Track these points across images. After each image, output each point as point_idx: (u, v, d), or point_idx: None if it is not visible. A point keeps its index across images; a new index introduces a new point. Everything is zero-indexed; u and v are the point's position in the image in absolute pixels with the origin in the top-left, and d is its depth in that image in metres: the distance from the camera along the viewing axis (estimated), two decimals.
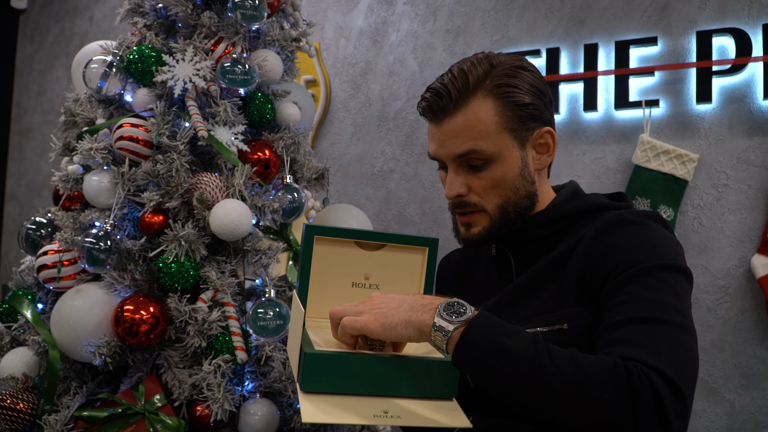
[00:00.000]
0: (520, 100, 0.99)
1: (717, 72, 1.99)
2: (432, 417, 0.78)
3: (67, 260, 1.38)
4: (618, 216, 0.96)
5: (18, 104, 3.83)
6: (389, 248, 0.91)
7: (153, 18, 1.59)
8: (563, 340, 0.90)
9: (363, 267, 0.91)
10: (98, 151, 1.42)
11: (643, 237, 0.92)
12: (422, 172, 2.49)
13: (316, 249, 0.89)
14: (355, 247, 0.91)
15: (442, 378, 0.81)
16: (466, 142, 0.98)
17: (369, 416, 0.76)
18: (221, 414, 1.28)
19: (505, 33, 2.36)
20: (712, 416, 1.96)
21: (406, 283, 0.92)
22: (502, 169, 1.00)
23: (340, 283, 0.91)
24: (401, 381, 0.79)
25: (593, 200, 1.04)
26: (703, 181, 2.02)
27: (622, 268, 0.88)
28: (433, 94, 1.00)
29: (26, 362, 1.36)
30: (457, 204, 1.03)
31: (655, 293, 0.85)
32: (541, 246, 1.03)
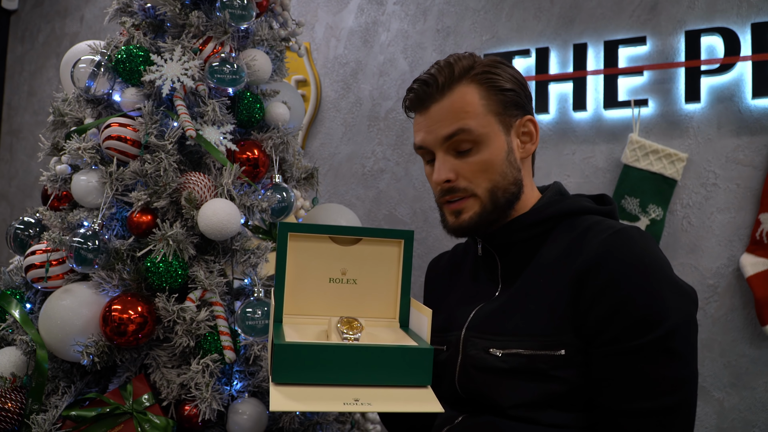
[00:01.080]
0: (503, 86, 1.02)
1: (706, 71, 2.00)
2: (404, 403, 0.78)
3: (55, 260, 1.38)
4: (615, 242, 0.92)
5: (9, 105, 3.81)
6: (365, 242, 0.91)
7: (141, 17, 1.59)
8: (560, 364, 0.91)
9: (339, 262, 0.91)
10: (86, 150, 1.42)
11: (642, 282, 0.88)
12: (413, 172, 2.49)
13: (291, 246, 0.89)
14: (331, 242, 0.91)
15: (416, 365, 0.81)
16: (454, 123, 0.99)
17: (339, 404, 0.76)
18: (209, 413, 1.28)
19: (495, 33, 2.36)
20: (702, 415, 1.96)
21: (384, 277, 0.92)
22: (490, 151, 1.01)
23: (317, 279, 0.91)
24: (374, 370, 0.79)
25: (577, 203, 1.04)
26: (692, 180, 2.03)
27: (626, 327, 0.87)
28: (420, 84, 1.02)
29: (14, 362, 1.35)
30: (446, 191, 1.02)
31: (662, 369, 0.86)
32: (525, 247, 1.04)
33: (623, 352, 0.87)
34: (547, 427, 0.91)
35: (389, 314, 0.94)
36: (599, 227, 0.96)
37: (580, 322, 0.91)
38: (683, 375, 0.86)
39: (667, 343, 0.86)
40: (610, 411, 0.89)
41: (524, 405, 0.92)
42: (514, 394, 0.93)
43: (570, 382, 0.91)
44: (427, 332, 0.87)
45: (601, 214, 1.03)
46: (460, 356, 1.01)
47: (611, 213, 1.05)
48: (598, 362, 0.89)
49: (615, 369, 0.88)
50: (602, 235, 0.94)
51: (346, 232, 0.91)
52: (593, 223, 0.98)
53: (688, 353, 0.87)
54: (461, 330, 1.03)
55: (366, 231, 0.92)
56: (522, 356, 0.92)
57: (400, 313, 0.93)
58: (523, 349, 0.92)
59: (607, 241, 0.92)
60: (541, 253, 1.00)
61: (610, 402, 0.89)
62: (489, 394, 0.95)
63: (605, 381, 0.89)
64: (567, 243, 0.98)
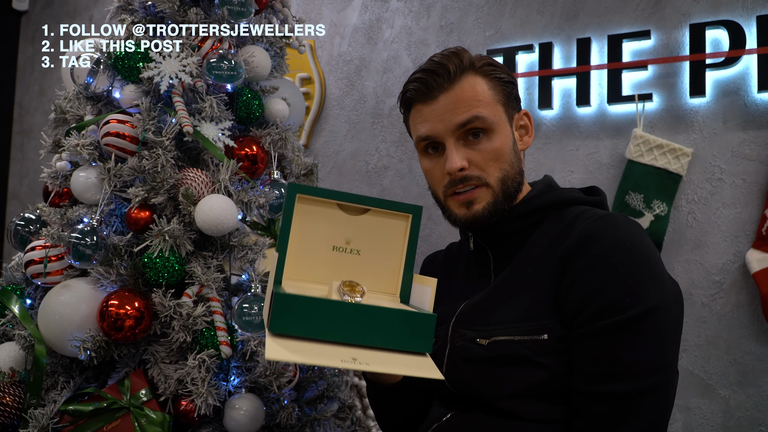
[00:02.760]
0: (505, 78, 1.04)
1: (711, 65, 1.97)
2: (403, 367, 0.76)
3: (54, 256, 1.39)
4: (598, 227, 0.92)
5: (20, 105, 3.86)
6: (373, 213, 0.89)
7: (142, 15, 1.60)
8: (543, 350, 0.90)
9: (345, 231, 0.89)
10: (84, 147, 1.43)
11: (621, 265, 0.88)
12: (416, 169, 2.49)
13: (298, 207, 0.87)
14: (338, 209, 0.89)
15: (417, 331, 0.79)
16: (468, 110, 0.98)
17: (336, 360, 0.74)
18: (205, 409, 1.28)
19: (499, 28, 2.35)
20: (707, 413, 1.94)
21: (388, 250, 0.90)
22: (500, 140, 1.00)
23: (321, 245, 0.89)
24: (375, 331, 0.77)
25: (566, 194, 1.04)
26: (697, 175, 2.01)
27: (600, 308, 0.87)
28: (428, 74, 1.00)
29: (13, 357, 1.36)
30: (458, 180, 1.00)
31: (632, 352, 0.85)
32: (515, 240, 1.03)
33: (595, 332, 0.86)
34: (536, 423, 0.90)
35: (390, 289, 0.91)
36: (585, 215, 0.96)
37: (561, 305, 0.91)
38: (654, 360, 0.85)
39: (639, 326, 0.85)
40: (579, 392, 0.88)
41: (511, 396, 0.91)
42: (499, 384, 0.92)
43: (553, 371, 0.90)
44: (430, 302, 0.85)
45: (590, 205, 1.03)
46: (447, 348, 1.01)
47: (600, 203, 1.05)
48: (574, 345, 0.89)
49: (586, 350, 0.87)
50: (587, 221, 0.94)
51: (356, 200, 0.89)
52: (581, 212, 0.98)
53: (661, 339, 0.85)
54: (449, 323, 1.03)
55: (375, 201, 0.90)
56: (506, 343, 0.92)
57: (401, 288, 0.91)
58: (507, 335, 0.92)
59: (590, 225, 0.92)
60: (530, 244, 1.00)
61: (580, 383, 0.88)
62: (476, 385, 0.95)
63: (578, 363, 0.88)
64: (555, 233, 0.98)
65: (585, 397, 0.87)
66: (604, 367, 0.85)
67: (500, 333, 0.94)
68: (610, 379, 0.85)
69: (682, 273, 2.01)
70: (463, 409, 0.99)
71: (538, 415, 0.90)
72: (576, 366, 0.89)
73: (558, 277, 0.91)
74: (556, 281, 0.92)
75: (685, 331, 1.99)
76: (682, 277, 2.00)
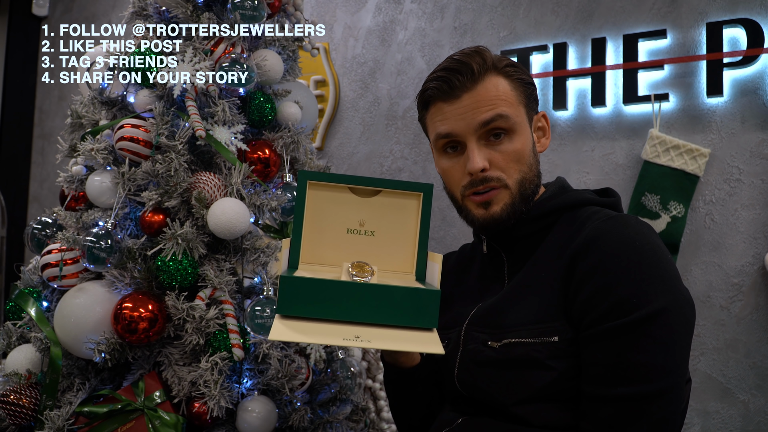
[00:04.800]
0: (526, 79, 1.03)
1: (728, 64, 1.95)
2: (404, 342, 0.78)
3: (70, 259, 1.41)
4: (607, 227, 0.91)
5: (41, 109, 3.91)
6: (384, 194, 0.91)
7: (156, 20, 1.61)
8: (554, 352, 0.90)
9: (358, 213, 0.91)
10: (99, 151, 1.45)
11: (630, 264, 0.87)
12: (430, 171, 2.48)
13: (310, 194, 0.89)
14: (350, 193, 0.90)
15: (422, 307, 0.80)
16: (492, 109, 0.97)
17: (338, 339, 0.76)
18: (218, 411, 1.29)
19: (513, 29, 2.34)
20: (726, 418, 1.91)
21: (402, 230, 0.92)
22: (521, 141, 1.00)
23: (335, 229, 0.91)
24: (379, 309, 0.79)
25: (578, 195, 1.03)
26: (715, 176, 1.98)
27: (607, 309, 0.85)
28: (450, 72, 0.99)
29: (30, 359, 1.38)
30: (479, 180, 0.99)
31: (640, 354, 0.83)
32: (529, 243, 1.03)
33: (602, 334, 0.85)
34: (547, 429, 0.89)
35: (406, 268, 0.93)
36: (596, 216, 0.95)
37: (570, 306, 0.90)
38: (663, 363, 0.83)
39: (647, 328, 0.83)
40: (587, 396, 0.87)
41: (522, 400, 0.91)
42: (512, 389, 0.91)
43: (564, 374, 0.89)
44: (437, 278, 0.86)
45: (603, 206, 1.02)
46: (459, 351, 1.00)
47: (614, 205, 1.04)
48: (583, 346, 0.88)
49: (593, 353, 0.86)
50: (596, 221, 0.93)
51: (366, 183, 0.91)
52: (592, 213, 0.97)
53: (670, 342, 0.84)
54: (462, 325, 1.02)
55: (385, 183, 0.91)
56: (518, 346, 0.92)
57: (417, 266, 0.92)
58: (518, 338, 0.92)
59: (599, 226, 0.91)
60: (542, 246, 1.00)
61: (588, 386, 0.87)
62: (487, 388, 0.94)
63: (588, 365, 0.87)
64: (567, 234, 0.97)
65: (591, 399, 0.86)
66: (611, 370, 0.84)
67: (512, 336, 0.93)
68: (617, 382, 0.84)
69: (700, 275, 1.98)
70: (473, 413, 0.98)
71: (549, 420, 0.89)
72: (584, 368, 0.88)
73: (566, 277, 0.91)
74: (565, 282, 0.91)
75: (704, 334, 1.96)
76: (700, 280, 1.98)
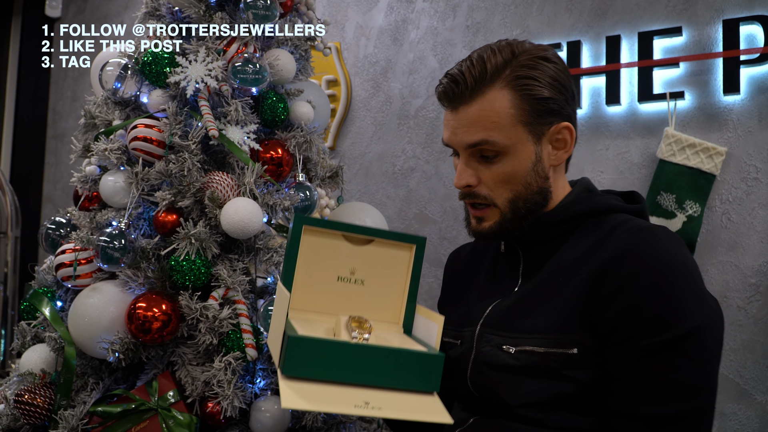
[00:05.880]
0: (539, 93, 0.96)
1: (745, 61, 1.92)
2: (413, 410, 0.78)
3: (84, 259, 1.41)
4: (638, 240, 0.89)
5: (54, 110, 3.94)
6: (377, 244, 0.91)
7: (169, 20, 1.61)
8: (573, 364, 0.88)
9: (350, 261, 0.90)
10: (113, 151, 1.45)
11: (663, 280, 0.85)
12: (443, 170, 2.47)
13: (304, 239, 0.88)
14: (343, 240, 0.90)
15: (425, 371, 0.80)
16: (478, 132, 0.95)
17: (350, 406, 0.76)
18: (231, 411, 1.29)
19: (526, 27, 2.32)
20: (743, 419, 1.89)
21: (392, 280, 0.92)
22: (514, 163, 0.97)
23: (326, 275, 0.91)
24: (385, 371, 0.78)
25: (605, 201, 1.00)
26: (732, 175, 1.96)
27: (641, 326, 0.84)
28: (449, 81, 0.98)
29: (44, 358, 1.39)
30: (467, 194, 1.00)
31: (675, 373, 0.82)
32: (549, 246, 1.01)
33: (636, 351, 0.84)
34: (556, 430, 0.88)
35: (393, 318, 0.93)
36: (625, 226, 0.93)
37: (596, 320, 0.88)
38: (698, 382, 0.82)
39: (682, 346, 0.82)
40: (619, 413, 0.86)
41: (533, 405, 0.90)
42: (525, 393, 0.90)
43: (582, 384, 0.88)
44: (436, 340, 0.86)
45: (629, 213, 0.99)
46: (473, 352, 0.99)
47: (640, 212, 1.01)
48: (611, 362, 0.86)
49: (626, 369, 0.85)
50: (626, 233, 0.90)
51: (360, 231, 0.91)
52: (619, 222, 0.94)
53: (704, 360, 0.83)
54: (476, 326, 1.01)
55: (379, 233, 0.91)
56: (535, 354, 0.90)
57: (404, 318, 0.93)
58: (537, 346, 0.90)
59: (630, 239, 0.89)
60: (563, 251, 0.98)
61: (620, 404, 0.85)
62: (499, 392, 0.93)
63: (617, 381, 0.86)
64: (591, 242, 0.94)
65: (623, 416, 0.85)
66: (646, 388, 0.83)
67: (528, 343, 0.92)
68: (653, 400, 0.82)
69: (717, 275, 1.96)
70: (485, 414, 0.97)
71: (565, 424, 0.88)
72: (613, 384, 0.86)
73: (593, 289, 0.89)
74: (591, 294, 0.89)
75: None
76: (717, 280, 1.95)
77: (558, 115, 0.99)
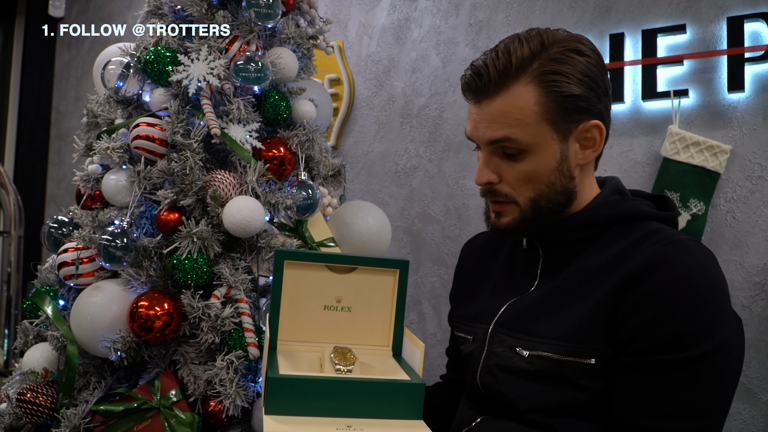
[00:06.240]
0: (567, 91, 0.91)
1: (750, 59, 1.91)
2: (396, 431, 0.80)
3: (86, 257, 1.41)
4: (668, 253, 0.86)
5: (57, 110, 3.95)
6: (360, 271, 0.93)
7: (171, 19, 1.61)
8: (589, 375, 0.87)
9: (335, 290, 0.93)
10: (115, 150, 1.45)
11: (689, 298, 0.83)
12: (446, 169, 2.47)
13: (287, 273, 0.91)
14: (326, 270, 0.93)
15: (408, 400, 0.82)
16: (500, 129, 0.92)
17: (331, 430, 0.78)
18: (233, 410, 1.29)
19: (529, 25, 2.31)
20: (748, 419, 1.88)
21: (378, 306, 0.94)
22: (537, 161, 0.93)
23: (312, 306, 0.93)
24: (366, 403, 0.80)
25: (635, 208, 0.97)
26: (737, 173, 1.95)
27: (659, 341, 0.82)
28: (473, 73, 0.94)
29: (47, 357, 1.39)
30: (488, 191, 0.98)
31: (683, 392, 0.81)
32: (573, 248, 0.98)
33: (649, 365, 0.82)
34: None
35: (382, 343, 0.95)
36: (655, 237, 0.89)
37: (615, 329, 0.86)
38: (707, 405, 0.81)
39: (695, 366, 0.80)
40: (620, 423, 0.84)
41: (543, 410, 0.89)
42: (535, 399, 0.89)
43: (596, 394, 0.86)
44: (419, 366, 0.88)
45: (659, 220, 0.96)
46: (485, 351, 0.98)
47: (671, 220, 0.98)
48: (622, 372, 0.85)
49: (636, 382, 0.83)
50: (656, 245, 0.87)
51: (342, 260, 0.93)
52: (649, 232, 0.91)
53: (716, 383, 0.81)
54: (490, 324, 1.00)
55: (361, 260, 0.93)
56: (549, 360, 0.88)
57: (393, 342, 0.95)
58: (552, 353, 0.88)
59: (660, 251, 0.86)
60: (587, 255, 0.95)
61: (625, 415, 0.84)
62: (509, 395, 0.92)
63: (623, 391, 0.84)
64: (618, 249, 0.91)
65: (624, 427, 0.84)
66: (651, 402, 0.82)
67: (544, 348, 0.89)
68: (655, 415, 0.81)
69: None
70: (493, 414, 0.97)
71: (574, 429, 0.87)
72: (619, 393, 0.85)
73: (617, 299, 0.86)
74: (614, 303, 0.86)
75: None
76: None
77: (587, 113, 0.94)
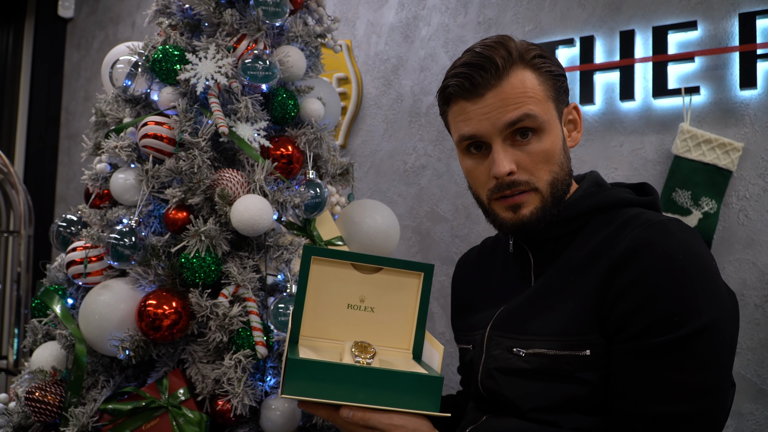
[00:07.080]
0: (556, 71, 0.96)
1: (762, 55, 1.89)
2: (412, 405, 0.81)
3: (94, 256, 1.41)
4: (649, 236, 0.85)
5: (67, 110, 3.96)
6: (385, 272, 0.93)
7: (179, 18, 1.61)
8: (585, 366, 0.86)
9: (359, 289, 0.93)
10: (123, 149, 1.45)
11: (674, 279, 0.82)
12: (454, 168, 2.45)
13: (313, 269, 0.91)
14: (352, 269, 0.93)
15: (425, 392, 0.82)
16: (518, 108, 0.91)
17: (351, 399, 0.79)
18: (242, 409, 1.28)
19: (538, 23, 2.30)
20: (761, 419, 1.85)
21: (401, 308, 0.94)
22: (551, 139, 0.93)
23: (336, 304, 0.93)
24: (383, 393, 0.81)
25: (615, 195, 0.97)
26: (749, 171, 1.92)
27: (647, 325, 0.81)
28: (472, 69, 0.92)
29: (55, 356, 1.39)
30: (506, 185, 0.93)
31: (679, 373, 0.80)
32: (559, 244, 0.98)
33: (642, 350, 0.82)
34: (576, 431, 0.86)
35: (403, 345, 0.95)
36: (636, 221, 0.89)
37: (605, 318, 0.86)
38: (705, 383, 0.80)
39: (690, 346, 0.79)
40: (623, 412, 0.83)
41: (546, 408, 0.88)
42: (536, 398, 0.88)
43: (596, 386, 0.86)
44: (438, 365, 0.88)
45: (640, 206, 0.96)
46: (483, 356, 0.97)
47: (652, 204, 0.98)
48: (617, 359, 0.84)
49: (632, 368, 0.83)
50: (637, 229, 0.87)
51: (369, 260, 0.93)
52: (630, 217, 0.91)
53: (712, 360, 0.80)
54: (485, 329, 0.99)
55: (388, 261, 0.93)
56: (546, 357, 0.88)
57: (414, 345, 0.95)
58: (548, 349, 0.88)
59: (641, 235, 0.86)
60: (572, 249, 0.95)
61: (624, 402, 0.83)
62: (511, 396, 0.91)
63: (621, 379, 0.84)
64: (602, 238, 0.91)
65: (625, 415, 0.83)
66: (649, 387, 0.81)
67: (539, 345, 0.89)
68: (654, 400, 0.80)
69: (734, 273, 1.92)
70: (497, 413, 0.96)
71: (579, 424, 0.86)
72: (616, 381, 0.84)
73: (604, 288, 0.86)
74: (602, 293, 0.86)
75: None
76: (734, 278, 1.92)
77: (567, 95, 1.00)
